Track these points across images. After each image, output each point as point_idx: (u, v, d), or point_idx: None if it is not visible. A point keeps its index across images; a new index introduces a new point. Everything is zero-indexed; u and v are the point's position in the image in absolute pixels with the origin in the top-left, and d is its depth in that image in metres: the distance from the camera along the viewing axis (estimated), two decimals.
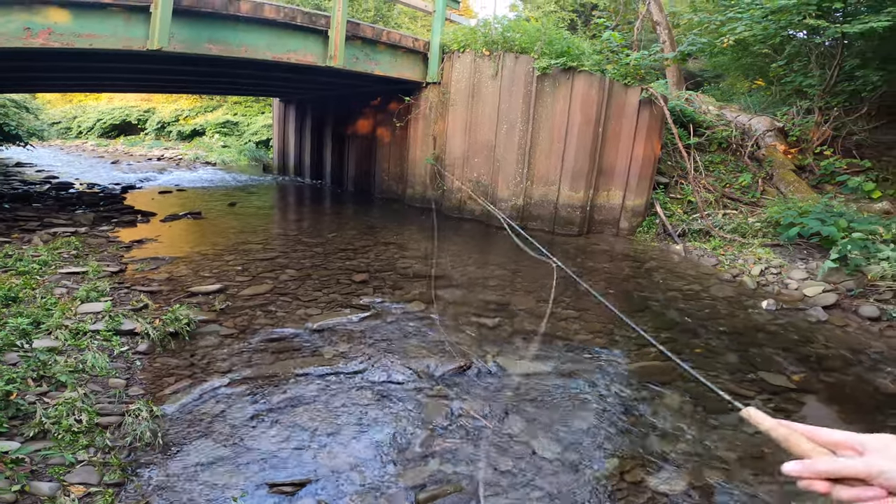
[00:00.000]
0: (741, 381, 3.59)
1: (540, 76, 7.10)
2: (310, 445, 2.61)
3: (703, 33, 7.65)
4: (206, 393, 2.89)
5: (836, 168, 7.52)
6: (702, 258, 6.47)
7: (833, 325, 4.79)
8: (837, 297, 5.21)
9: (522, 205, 7.59)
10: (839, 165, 7.48)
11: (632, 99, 6.97)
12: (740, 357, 3.99)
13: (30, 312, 3.14)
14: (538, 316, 4.59)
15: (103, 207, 8.05)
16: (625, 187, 7.21)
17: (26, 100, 13.71)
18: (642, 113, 6.99)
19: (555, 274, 3.19)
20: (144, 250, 5.86)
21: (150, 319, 3.54)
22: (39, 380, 2.53)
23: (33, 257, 4.63)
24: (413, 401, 3.14)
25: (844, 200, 6.85)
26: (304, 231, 7.44)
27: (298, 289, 4.82)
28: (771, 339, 4.42)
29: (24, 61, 6.79)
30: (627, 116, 7.01)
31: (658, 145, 7.35)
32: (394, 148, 9.49)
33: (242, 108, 21.01)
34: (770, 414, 0.75)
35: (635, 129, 6.99)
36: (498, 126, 7.50)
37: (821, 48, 7.41)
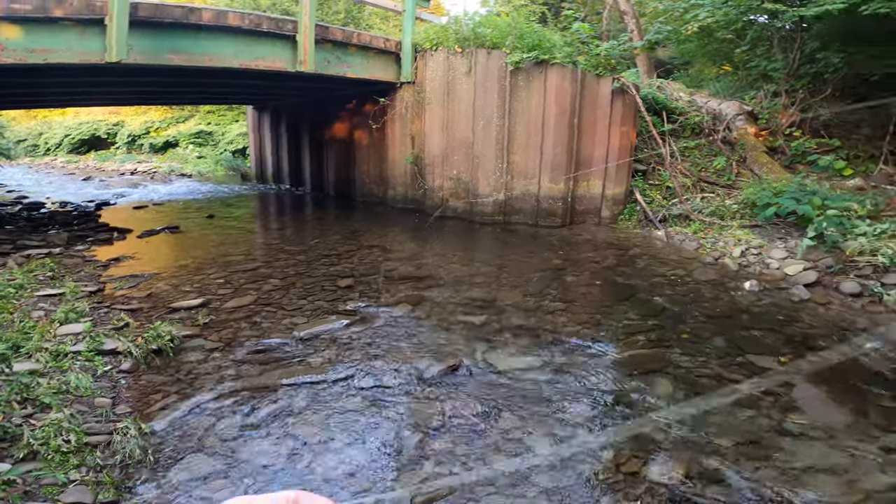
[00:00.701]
0: (729, 365, 3.64)
1: (513, 70, 7.16)
2: (302, 455, 2.62)
3: (668, 21, 7.79)
4: (195, 408, 2.87)
5: (807, 148, 7.72)
6: (683, 242, 6.60)
7: (816, 303, 4.89)
8: (818, 275, 5.33)
9: (504, 199, 7.65)
10: (809, 146, 7.68)
11: (604, 89, 7.08)
12: (727, 340, 4.06)
13: (8, 337, 3.08)
14: (525, 310, 4.64)
15: (77, 226, 7.90)
16: (604, 176, 7.32)
17: None
18: (616, 102, 7.10)
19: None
20: (122, 268, 5.78)
21: (132, 338, 3.50)
22: (24, 402, 2.50)
23: (8, 281, 4.54)
24: (404, 404, 3.16)
25: (817, 179, 7.03)
26: (287, 239, 7.41)
27: (283, 298, 4.80)
28: (756, 320, 4.50)
29: None
30: (601, 107, 7.12)
31: (633, 133, 7.47)
32: (372, 150, 9.47)
33: (216, 118, 20.71)
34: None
35: (610, 118, 7.11)
36: (475, 122, 7.55)
37: (781, 32, 7.58)
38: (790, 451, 2.69)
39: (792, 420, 2.97)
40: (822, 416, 3.05)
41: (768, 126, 8.30)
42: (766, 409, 3.09)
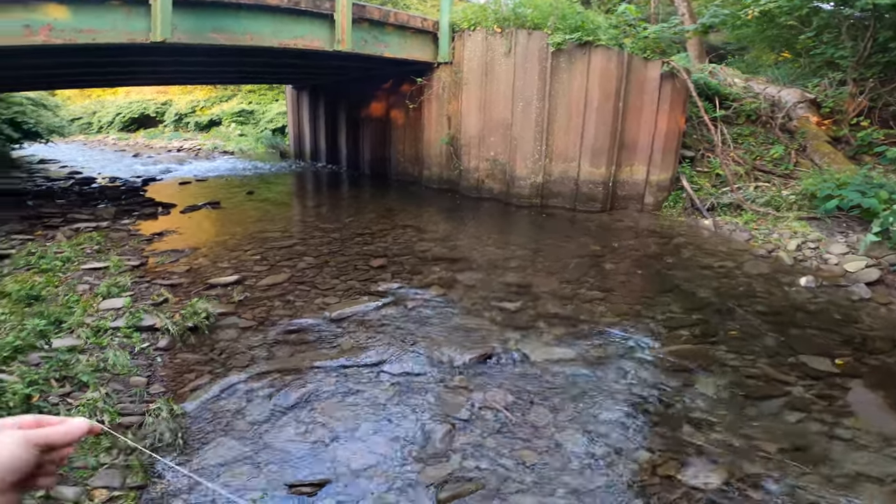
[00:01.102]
0: (781, 366, 3.38)
1: (555, 52, 6.86)
2: (329, 442, 2.56)
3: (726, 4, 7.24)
4: (226, 389, 2.86)
5: (874, 139, 7.07)
6: (733, 233, 6.20)
7: (877, 302, 4.50)
8: (881, 273, 4.91)
9: (542, 182, 7.39)
10: (877, 136, 7.04)
11: (652, 73, 6.69)
12: (779, 339, 3.77)
13: (51, 311, 3.15)
14: (562, 298, 4.45)
15: (125, 201, 8.14)
16: (648, 162, 6.95)
17: (43, 97, 13.83)
18: (664, 86, 6.70)
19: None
20: (165, 243, 5.90)
21: (170, 314, 3.53)
22: (62, 380, 2.53)
23: (56, 254, 4.67)
24: (433, 393, 3.06)
25: (884, 171, 6.44)
26: (322, 217, 7.40)
27: (316, 277, 4.77)
28: (811, 318, 4.16)
29: (33, 59, 6.81)
30: (649, 91, 6.74)
31: (682, 119, 7.04)
32: (408, 130, 9.33)
33: (257, 97, 20.95)
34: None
35: (657, 103, 6.72)
36: (514, 104, 7.28)
37: (850, 20, 6.93)
38: (840, 457, 2.52)
39: (844, 425, 2.76)
40: (877, 423, 2.82)
41: (832, 115, 7.67)
42: (816, 413, 2.87)
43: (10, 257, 4.59)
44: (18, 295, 3.36)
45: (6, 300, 3.33)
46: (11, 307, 3.23)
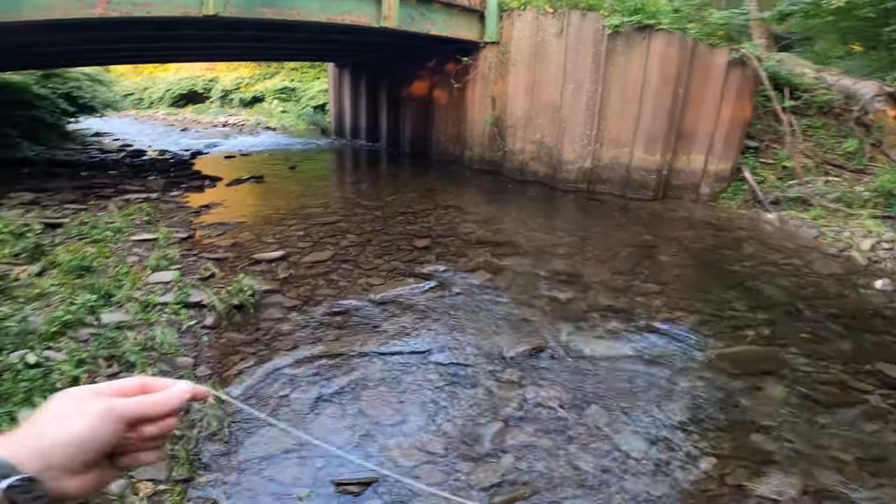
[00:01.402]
0: (857, 373, 3.08)
1: (611, 34, 6.39)
2: (375, 436, 2.39)
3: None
4: (272, 373, 2.72)
5: None
6: (800, 229, 5.67)
7: None
8: None
9: (590, 167, 6.98)
10: None
11: (718, 59, 6.14)
12: (854, 345, 3.43)
13: (101, 285, 3.06)
14: (614, 289, 4.13)
15: (173, 173, 8.17)
16: (707, 151, 6.42)
17: (99, 73, 14.07)
18: (731, 74, 6.14)
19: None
20: (211, 215, 5.84)
21: (217, 290, 3.41)
22: (110, 359, 2.43)
23: (107, 224, 4.65)
24: (482, 386, 2.85)
25: None
26: (363, 194, 7.21)
27: (359, 255, 4.60)
28: (889, 324, 3.77)
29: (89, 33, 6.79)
30: (714, 77, 6.19)
31: (749, 108, 6.46)
32: (451, 109, 8.99)
33: (299, 75, 20.89)
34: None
35: (722, 90, 6.18)
36: (564, 86, 6.86)
37: None
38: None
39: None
40: None
41: None
42: (895, 422, 2.61)
43: (63, 226, 4.59)
44: (70, 265, 3.30)
45: (57, 270, 3.27)
46: (62, 278, 3.17)
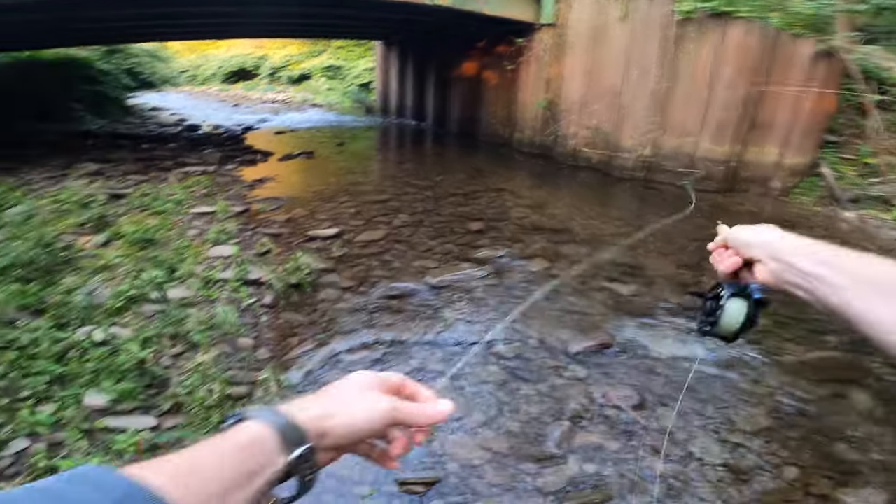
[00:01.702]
0: None
1: (682, 20, 5.87)
2: (437, 433, 2.24)
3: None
4: (330, 359, 2.59)
5: None
6: (880, 230, 5.12)
7: None
8: None
9: (650, 155, 6.53)
10: None
11: (803, 50, 5.54)
12: None
13: (164, 258, 3.01)
14: (679, 284, 3.83)
15: (228, 147, 8.20)
16: (783, 143, 5.86)
17: (157, 49, 14.32)
18: (817, 66, 5.55)
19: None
20: (265, 189, 5.80)
21: (274, 267, 3.32)
22: (174, 338, 2.35)
23: (168, 196, 4.65)
24: (546, 383, 2.66)
25: None
26: (412, 173, 7.00)
27: (413, 236, 4.43)
28: None
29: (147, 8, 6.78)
30: (797, 68, 5.60)
31: (833, 101, 5.84)
32: (501, 91, 8.62)
33: (345, 53, 20.73)
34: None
35: (805, 82, 5.60)
36: (626, 71, 6.41)
37: None
38: None
39: None
40: None
41: None
42: None
43: (126, 197, 4.62)
44: (133, 237, 3.27)
45: (122, 241, 3.25)
46: (126, 249, 3.14)
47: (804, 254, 0.62)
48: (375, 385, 0.53)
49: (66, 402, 1.88)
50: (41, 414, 1.81)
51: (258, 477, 0.42)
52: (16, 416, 1.84)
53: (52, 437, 1.79)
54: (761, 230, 0.71)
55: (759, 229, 0.71)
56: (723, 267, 0.73)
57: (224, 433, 0.44)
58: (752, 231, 0.71)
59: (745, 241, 0.71)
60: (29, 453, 1.74)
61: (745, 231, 0.72)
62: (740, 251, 0.72)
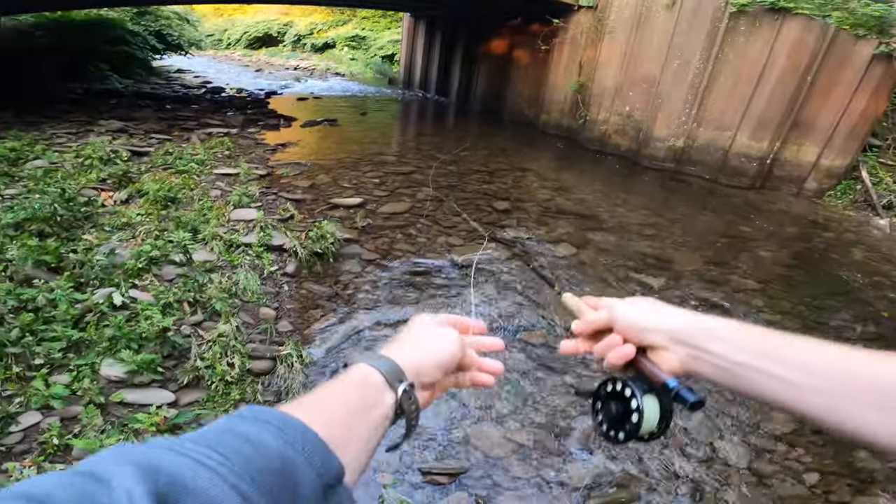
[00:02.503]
0: None
1: (735, 13, 5.47)
2: (461, 423, 2.13)
3: None
4: (351, 335, 2.45)
5: None
6: None
7: None
8: None
9: (682, 147, 6.22)
10: None
11: (862, 50, 5.14)
12: None
13: (187, 219, 2.84)
14: (709, 281, 3.63)
15: (251, 111, 7.98)
16: (824, 144, 5.51)
17: (187, 12, 13.95)
18: (873, 67, 5.16)
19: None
20: (287, 154, 5.61)
21: (297, 234, 3.15)
22: (195, 304, 2.20)
23: (191, 156, 4.47)
24: (573, 375, 2.52)
25: None
26: (436, 146, 6.74)
27: (437, 211, 4.24)
28: None
29: None
30: (851, 69, 5.22)
31: (884, 104, 5.46)
32: (531, 71, 8.26)
33: (370, 24, 20.17)
34: None
35: (859, 83, 5.22)
36: (667, 61, 6.04)
37: None
38: None
39: None
40: None
41: None
42: None
43: (149, 155, 4.45)
44: (156, 195, 3.11)
45: (143, 199, 3.09)
46: (148, 207, 2.98)
47: (722, 338, 0.52)
48: (442, 322, 0.59)
49: (81, 373, 1.73)
50: (56, 386, 1.66)
51: (374, 410, 0.46)
52: (28, 387, 1.68)
53: (66, 412, 1.63)
54: (650, 309, 0.59)
55: (646, 308, 0.59)
56: (613, 358, 0.58)
57: (338, 377, 0.48)
58: (641, 311, 0.58)
59: (637, 326, 0.58)
60: (41, 429, 1.58)
61: (631, 311, 0.59)
62: (631, 335, 0.58)
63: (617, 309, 0.60)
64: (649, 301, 0.60)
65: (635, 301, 0.61)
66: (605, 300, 0.64)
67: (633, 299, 0.62)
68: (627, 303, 0.61)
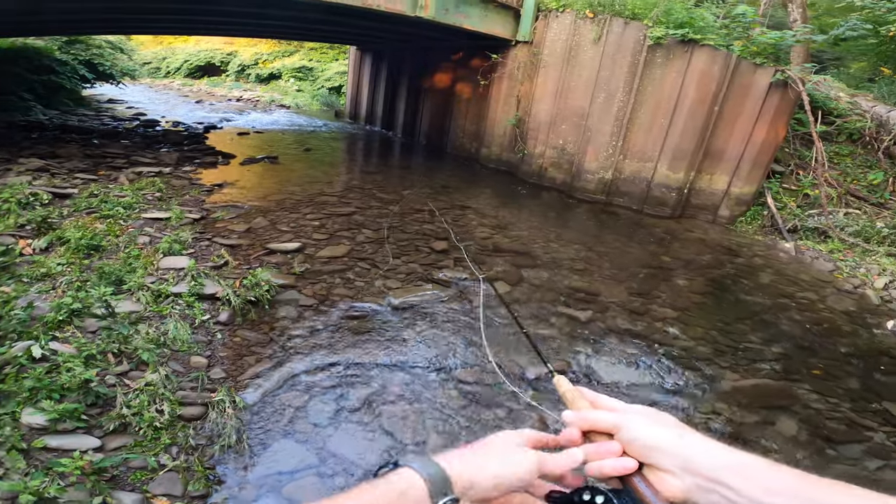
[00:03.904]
0: (863, 411, 3.10)
1: (652, 46, 6.07)
2: (398, 455, 2.22)
3: (866, 18, 6.22)
4: (288, 380, 2.52)
5: None
6: (815, 261, 5.50)
7: None
8: None
9: (610, 179, 6.75)
10: None
11: (761, 79, 5.83)
12: (863, 383, 3.42)
13: (111, 269, 2.82)
14: (631, 311, 3.97)
15: (187, 147, 7.86)
16: (733, 173, 6.19)
17: (121, 41, 13.67)
18: (771, 95, 5.85)
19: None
20: (224, 195, 5.59)
21: (231, 282, 3.19)
22: (120, 355, 2.20)
23: (118, 198, 4.39)
24: (504, 408, 2.68)
25: None
26: (379, 185, 6.95)
27: (376, 253, 4.38)
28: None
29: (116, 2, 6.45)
30: (752, 98, 5.89)
31: (783, 131, 6.18)
32: (472, 105, 8.71)
33: (318, 55, 20.43)
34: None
35: (759, 111, 5.88)
36: (594, 94, 6.58)
37: None
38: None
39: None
40: None
41: None
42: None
43: (72, 197, 4.33)
44: (78, 243, 3.07)
45: (65, 248, 3.04)
46: (70, 256, 2.93)
47: (749, 476, 0.49)
48: (523, 441, 0.58)
49: (2, 421, 1.72)
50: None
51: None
52: None
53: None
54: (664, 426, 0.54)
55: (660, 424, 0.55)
56: (608, 468, 0.54)
57: (384, 477, 0.49)
58: (654, 428, 0.54)
59: (648, 442, 0.54)
60: None
61: (643, 425, 0.55)
62: (635, 449, 0.54)
63: (627, 418, 0.56)
64: (663, 416, 0.56)
65: (649, 413, 0.57)
66: (607, 400, 0.61)
67: (645, 410, 0.58)
68: (640, 413, 0.57)
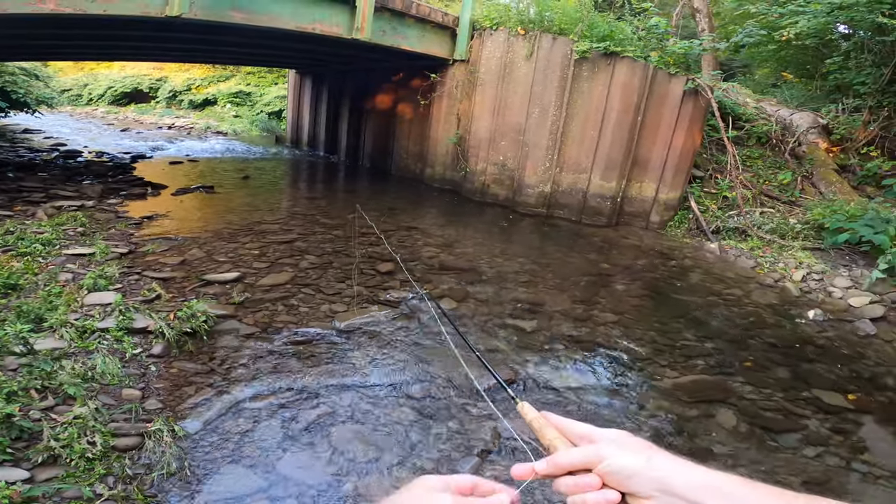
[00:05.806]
0: (796, 399, 3.35)
1: (578, 60, 6.52)
2: (349, 475, 2.25)
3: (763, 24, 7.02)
4: (231, 408, 2.48)
5: (882, 171, 6.94)
6: (738, 259, 6.02)
7: (882, 339, 4.48)
8: (885, 310, 4.90)
9: (549, 192, 7.11)
10: (886, 168, 6.90)
11: (675, 88, 6.40)
12: (792, 372, 3.72)
13: (30, 307, 2.69)
14: (575, 318, 4.19)
15: (112, 178, 7.53)
16: (659, 180, 6.70)
17: (37, 68, 12.94)
18: (685, 103, 6.43)
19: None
20: (155, 228, 5.40)
21: (165, 315, 3.10)
22: (44, 391, 2.11)
23: (36, 235, 4.16)
24: (457, 420, 2.77)
25: (888, 205, 6.34)
26: (323, 210, 6.95)
27: (320, 279, 4.38)
28: (821, 353, 4.10)
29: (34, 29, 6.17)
30: (669, 106, 6.45)
31: (699, 137, 6.79)
32: (415, 126, 8.92)
33: (255, 79, 20.17)
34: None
35: (676, 119, 6.45)
36: (529, 109, 6.94)
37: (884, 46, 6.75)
38: (860, 491, 2.55)
39: (860, 460, 2.75)
40: (890, 459, 2.79)
41: (842, 142, 7.52)
42: (834, 447, 2.84)
43: None
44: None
45: None
46: None
47: (728, 494, 0.49)
48: (442, 487, 0.56)
49: None
50: None
51: None
52: None
53: None
54: (639, 451, 0.55)
55: (635, 449, 0.55)
56: (591, 503, 0.54)
57: None
58: (631, 454, 0.54)
59: (623, 472, 0.53)
60: None
61: (620, 454, 0.54)
62: (614, 481, 0.54)
63: (600, 449, 0.55)
64: (633, 440, 0.56)
65: (619, 438, 0.57)
66: (576, 426, 0.60)
67: (614, 435, 0.57)
68: (611, 441, 0.56)
